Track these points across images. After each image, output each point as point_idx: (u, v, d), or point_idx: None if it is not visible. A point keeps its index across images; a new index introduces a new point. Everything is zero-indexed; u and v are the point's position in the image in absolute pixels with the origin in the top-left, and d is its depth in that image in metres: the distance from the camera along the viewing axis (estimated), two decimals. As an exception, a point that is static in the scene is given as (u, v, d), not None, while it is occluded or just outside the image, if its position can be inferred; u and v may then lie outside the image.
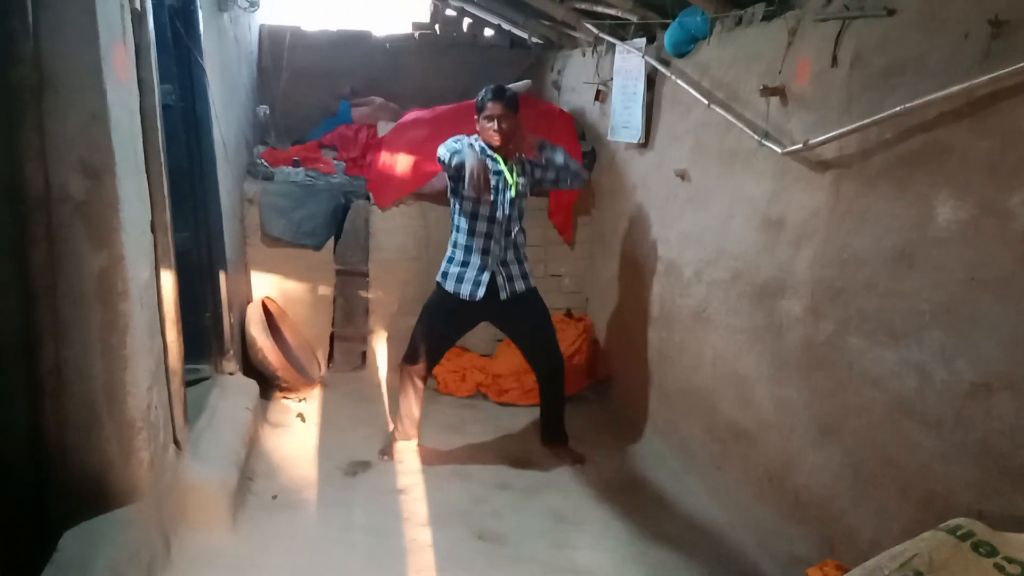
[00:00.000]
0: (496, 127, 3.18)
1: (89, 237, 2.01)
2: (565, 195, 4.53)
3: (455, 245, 3.36)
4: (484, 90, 3.24)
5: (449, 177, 3.27)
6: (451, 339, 3.62)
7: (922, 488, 2.08)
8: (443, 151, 3.18)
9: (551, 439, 3.70)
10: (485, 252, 3.28)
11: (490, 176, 3.14)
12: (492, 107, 3.18)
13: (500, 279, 3.30)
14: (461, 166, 3.06)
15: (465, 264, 3.31)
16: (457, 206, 3.32)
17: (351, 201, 4.45)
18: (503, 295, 3.31)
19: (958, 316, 1.96)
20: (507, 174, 3.24)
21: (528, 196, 3.40)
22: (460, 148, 3.14)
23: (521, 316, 3.47)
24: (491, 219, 3.26)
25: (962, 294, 1.95)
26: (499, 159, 3.26)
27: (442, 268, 3.40)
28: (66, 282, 2.01)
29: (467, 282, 3.30)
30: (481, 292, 3.28)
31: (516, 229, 3.33)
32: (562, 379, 3.62)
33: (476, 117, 3.27)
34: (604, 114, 4.35)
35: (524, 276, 3.39)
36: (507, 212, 3.26)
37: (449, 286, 3.34)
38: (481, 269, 3.29)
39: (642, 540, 2.95)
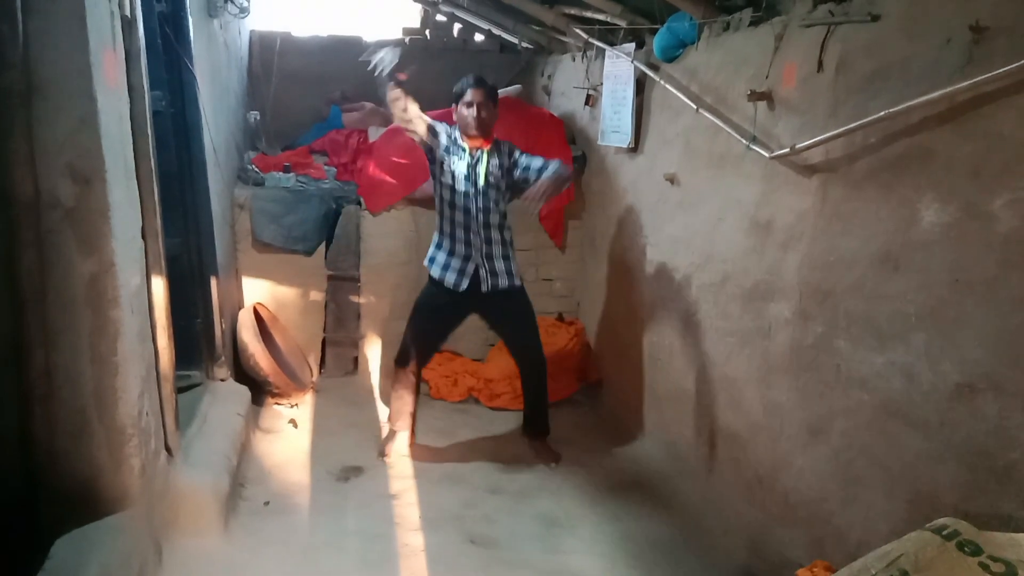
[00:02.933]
0: (475, 114, 3.22)
1: (79, 243, 2.01)
2: (555, 200, 4.55)
3: (441, 232, 3.44)
4: (464, 78, 3.30)
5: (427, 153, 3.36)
6: (442, 333, 3.65)
7: (909, 488, 2.10)
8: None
9: (531, 432, 3.75)
10: (467, 243, 3.36)
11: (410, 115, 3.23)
12: (473, 94, 3.23)
13: (483, 272, 3.36)
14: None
15: (451, 253, 3.39)
16: (437, 195, 3.40)
17: (342, 206, 4.45)
18: (484, 288, 3.37)
19: (943, 318, 1.98)
20: (481, 165, 3.28)
21: (506, 191, 3.40)
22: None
23: (505, 312, 3.54)
24: (466, 210, 3.32)
25: (947, 296, 1.97)
26: (467, 149, 3.31)
27: (429, 253, 3.49)
28: (56, 288, 2.01)
29: (452, 271, 3.38)
30: (465, 283, 3.36)
31: (495, 221, 3.36)
32: (543, 374, 3.66)
33: (454, 105, 3.30)
34: (594, 119, 4.37)
35: (509, 273, 3.43)
36: (479, 204, 3.30)
37: (435, 272, 3.43)
38: (465, 259, 3.37)
39: (633, 543, 2.96)
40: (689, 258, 3.34)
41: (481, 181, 3.28)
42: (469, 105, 3.24)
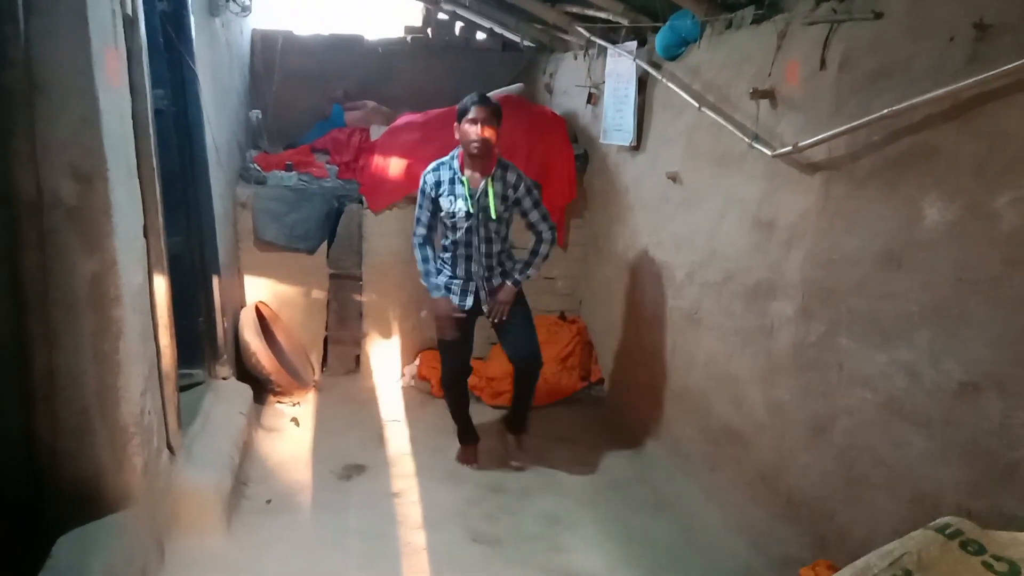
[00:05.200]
0: (478, 132, 3.11)
1: (81, 242, 2.01)
2: (557, 199, 4.55)
3: (444, 251, 3.42)
4: (469, 96, 3.19)
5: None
6: (467, 341, 3.59)
7: (912, 487, 2.09)
8: (420, 264, 3.39)
9: (513, 429, 3.77)
10: (467, 269, 3.37)
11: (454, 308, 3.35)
12: (477, 111, 3.13)
13: (483, 294, 3.39)
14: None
15: (453, 276, 3.41)
16: (440, 222, 3.38)
17: (344, 205, 4.45)
18: (486, 308, 3.41)
19: (946, 316, 1.98)
20: (487, 198, 3.22)
21: (509, 217, 3.36)
22: (428, 271, 3.35)
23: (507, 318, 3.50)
24: (467, 242, 3.32)
25: (950, 295, 1.96)
26: (466, 181, 3.22)
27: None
28: (58, 287, 2.01)
29: (454, 293, 3.41)
30: (469, 302, 3.40)
31: (497, 249, 3.36)
32: (535, 379, 3.60)
33: (457, 123, 3.20)
34: (596, 117, 4.37)
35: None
36: (481, 235, 3.30)
37: (439, 295, 3.41)
38: (467, 280, 3.39)
39: (636, 542, 2.96)
40: (691, 257, 3.33)
41: (492, 213, 3.23)
42: (473, 122, 3.12)
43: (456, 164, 3.26)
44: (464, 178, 3.23)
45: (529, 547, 2.91)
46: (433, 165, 3.32)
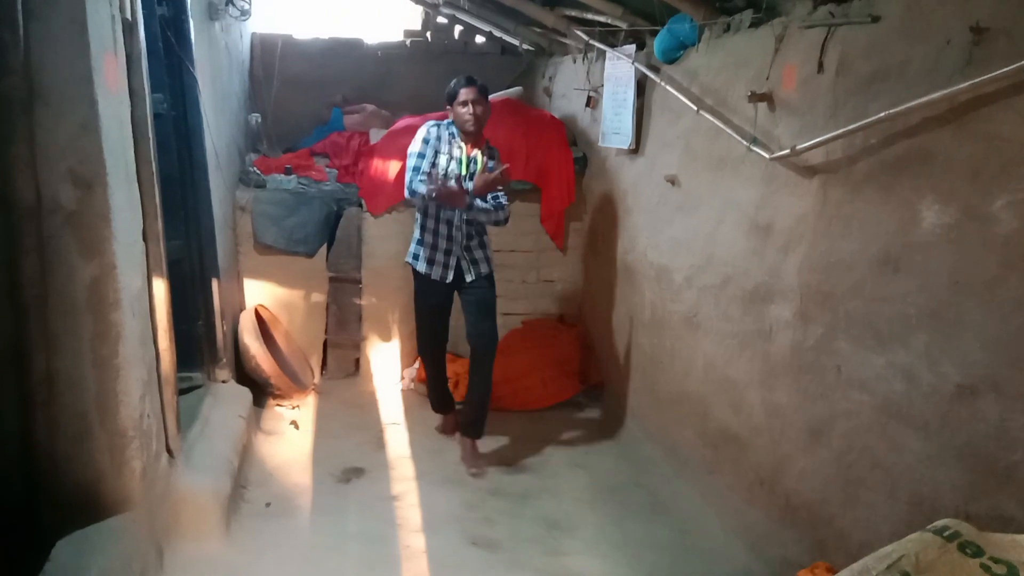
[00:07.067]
0: (471, 111, 3.32)
1: (80, 247, 2.01)
2: (556, 202, 4.56)
3: (423, 228, 3.53)
4: (455, 80, 3.38)
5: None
6: (444, 316, 3.72)
7: (910, 490, 2.09)
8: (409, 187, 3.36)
9: (467, 431, 3.65)
10: (449, 238, 3.48)
11: (449, 181, 3.33)
12: (467, 92, 3.33)
13: (464, 263, 3.52)
14: (432, 193, 3.27)
15: (434, 247, 3.51)
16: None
17: (343, 208, 4.46)
18: (468, 278, 3.54)
19: (943, 319, 1.98)
20: (477, 165, 3.43)
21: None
22: (419, 183, 3.31)
23: (473, 293, 3.62)
24: (453, 209, 3.42)
25: (947, 298, 1.97)
26: (463, 147, 3.42)
27: (412, 249, 3.60)
28: (57, 292, 2.02)
29: (437, 265, 3.52)
30: (450, 275, 3.52)
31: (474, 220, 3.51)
32: (492, 359, 3.60)
33: (448, 106, 3.40)
34: (595, 120, 4.37)
35: (487, 260, 3.60)
36: (468, 202, 3.41)
37: (421, 268, 3.55)
38: (447, 253, 3.50)
39: (634, 545, 2.96)
40: (690, 260, 3.34)
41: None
42: (464, 104, 3.33)
43: (455, 130, 3.44)
44: (462, 144, 3.43)
45: (528, 551, 2.92)
46: (433, 122, 3.49)
